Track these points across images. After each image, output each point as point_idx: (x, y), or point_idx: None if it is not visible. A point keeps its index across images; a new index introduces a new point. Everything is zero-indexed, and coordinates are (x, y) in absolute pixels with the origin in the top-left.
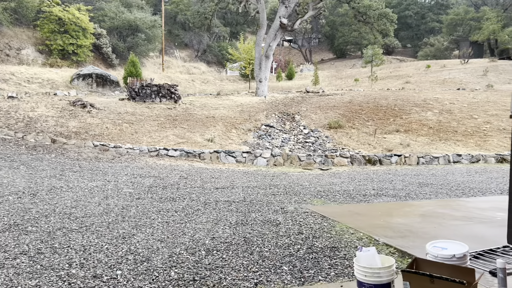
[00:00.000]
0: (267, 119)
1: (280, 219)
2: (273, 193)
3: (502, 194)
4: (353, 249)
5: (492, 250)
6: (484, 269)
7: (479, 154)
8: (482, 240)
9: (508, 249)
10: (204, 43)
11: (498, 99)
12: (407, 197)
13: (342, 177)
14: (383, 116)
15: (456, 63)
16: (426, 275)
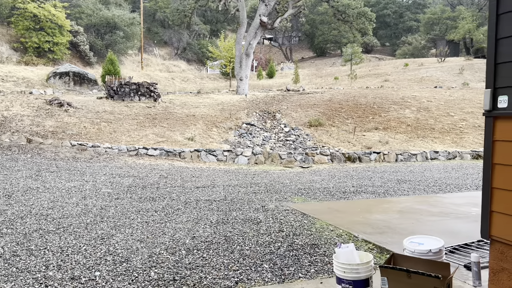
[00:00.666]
0: (248, 118)
1: (261, 217)
2: (254, 191)
3: (477, 190)
4: (332, 246)
5: (467, 244)
6: (459, 263)
7: (455, 151)
8: (457, 235)
9: (483, 243)
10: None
11: (474, 97)
12: (385, 193)
13: (322, 174)
14: (362, 114)
15: (433, 62)
16: (403, 270)
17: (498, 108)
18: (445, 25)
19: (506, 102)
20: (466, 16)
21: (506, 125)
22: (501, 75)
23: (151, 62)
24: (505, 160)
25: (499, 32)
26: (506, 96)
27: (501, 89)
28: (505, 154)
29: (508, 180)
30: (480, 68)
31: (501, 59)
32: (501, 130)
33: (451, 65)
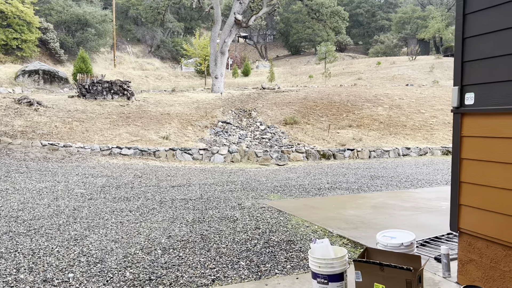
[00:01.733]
0: (224, 116)
1: (237, 215)
2: (230, 189)
3: (447, 184)
4: (308, 242)
5: (437, 237)
6: (430, 255)
7: (426, 147)
8: (428, 229)
9: (452, 236)
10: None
11: (443, 94)
12: (359, 189)
13: (298, 172)
14: (336, 112)
15: (405, 60)
16: (376, 264)
17: (465, 105)
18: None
19: (472, 99)
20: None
21: (473, 121)
22: (467, 73)
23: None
24: (472, 155)
25: (465, 31)
26: (473, 93)
27: (468, 86)
28: (472, 149)
29: (475, 174)
30: (449, 67)
31: (467, 57)
32: (468, 126)
33: (421, 64)
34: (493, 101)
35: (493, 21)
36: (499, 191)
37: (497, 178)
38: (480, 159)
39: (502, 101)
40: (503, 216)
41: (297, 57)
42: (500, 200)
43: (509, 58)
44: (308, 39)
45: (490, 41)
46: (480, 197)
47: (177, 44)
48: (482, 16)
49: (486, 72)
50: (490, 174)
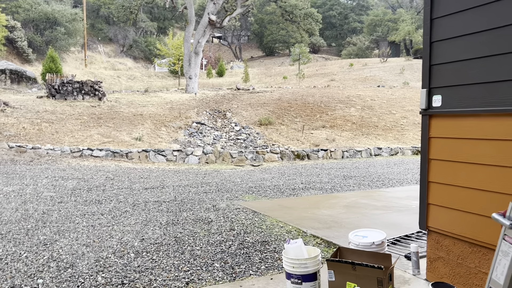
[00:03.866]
0: (198, 117)
1: (212, 217)
2: (205, 191)
3: (417, 184)
4: (282, 242)
5: (407, 235)
6: (400, 253)
7: (397, 147)
8: (399, 227)
9: (421, 234)
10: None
11: (413, 96)
12: (332, 189)
13: (273, 172)
14: (310, 113)
15: (376, 62)
16: (349, 263)
17: (433, 107)
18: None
19: (440, 101)
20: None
21: (440, 123)
22: (435, 76)
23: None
24: (439, 155)
25: (433, 35)
26: (440, 95)
27: (435, 89)
28: (439, 150)
29: (442, 174)
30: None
31: (435, 61)
32: (435, 127)
33: (392, 65)
34: (459, 103)
35: (459, 26)
36: (465, 190)
37: (463, 178)
38: (447, 159)
39: (468, 103)
40: (469, 214)
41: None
42: (466, 199)
43: (474, 62)
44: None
45: (456, 45)
46: (448, 196)
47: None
48: (449, 21)
49: (453, 75)
50: (456, 174)
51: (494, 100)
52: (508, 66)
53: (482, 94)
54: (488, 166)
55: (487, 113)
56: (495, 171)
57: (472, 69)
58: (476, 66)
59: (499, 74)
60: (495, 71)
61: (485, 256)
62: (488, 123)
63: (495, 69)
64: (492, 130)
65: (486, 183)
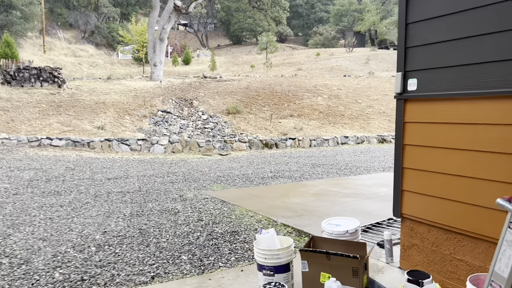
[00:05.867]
0: (164, 105)
1: (178, 207)
2: (171, 181)
3: (384, 171)
4: (252, 232)
5: (378, 223)
6: (373, 241)
7: (363, 136)
8: (369, 214)
9: (392, 221)
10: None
11: (379, 85)
12: (301, 177)
13: (241, 161)
14: (278, 102)
15: (342, 52)
16: (323, 253)
17: (408, 91)
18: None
19: (415, 85)
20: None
21: (415, 107)
22: (410, 59)
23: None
24: (414, 141)
25: (409, 16)
26: (415, 79)
27: (410, 72)
28: (414, 135)
29: (417, 160)
30: (384, 59)
31: (410, 43)
32: (410, 112)
33: (358, 55)
34: (435, 87)
35: (436, 6)
36: (441, 176)
37: (438, 164)
38: (422, 144)
39: (444, 87)
40: (444, 200)
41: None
42: (441, 185)
43: (451, 44)
44: (250, 29)
45: (433, 27)
46: (423, 183)
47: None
48: (425, 1)
49: (429, 58)
50: (431, 160)
51: (471, 83)
52: (486, 48)
53: (459, 77)
54: (464, 151)
55: (464, 97)
56: (472, 156)
57: (449, 51)
58: (453, 49)
59: (477, 56)
60: (473, 53)
61: (460, 243)
62: (465, 106)
63: (473, 51)
64: (469, 114)
65: (463, 168)
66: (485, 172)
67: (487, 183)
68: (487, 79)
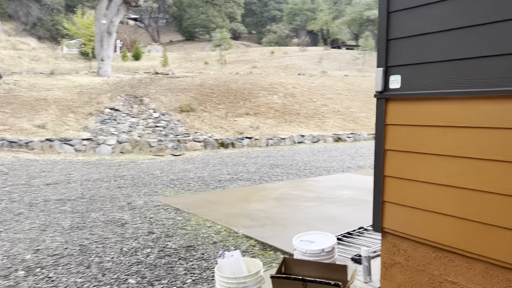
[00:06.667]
0: (112, 102)
1: (126, 217)
2: (119, 185)
3: (343, 171)
4: (211, 246)
5: (349, 233)
6: (345, 256)
7: (319, 135)
8: (336, 221)
9: (363, 230)
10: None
11: (333, 84)
12: (261, 180)
13: (196, 162)
14: (233, 100)
15: (296, 50)
16: (298, 280)
17: (390, 89)
18: (306, 16)
19: (398, 83)
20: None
21: (399, 108)
22: (393, 53)
23: None
24: (397, 145)
25: (391, 4)
26: (399, 75)
27: (393, 68)
28: (397, 139)
29: (400, 167)
30: (336, 58)
31: (393, 34)
32: (393, 113)
33: (311, 54)
34: (422, 85)
35: None
36: (428, 187)
37: (425, 172)
38: (406, 150)
39: (433, 85)
40: (432, 214)
41: (191, 43)
42: (430, 196)
43: (442, 35)
44: (203, 25)
45: (420, 16)
46: (408, 193)
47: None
48: None
49: (415, 51)
50: (418, 167)
51: (465, 81)
52: (483, 41)
53: (451, 74)
54: (457, 158)
55: (456, 96)
56: (466, 164)
57: (439, 44)
58: (443, 41)
59: (472, 50)
60: (468, 46)
61: (452, 263)
62: (458, 107)
63: (467, 44)
64: (462, 116)
65: (455, 178)
66: (482, 182)
67: (485, 196)
68: (484, 76)
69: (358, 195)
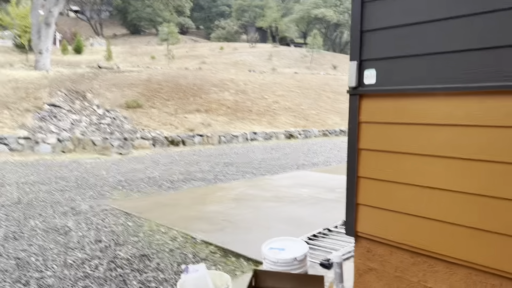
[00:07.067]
0: (52, 98)
1: (70, 224)
2: (61, 188)
3: (298, 169)
4: (167, 255)
5: (314, 235)
6: (314, 261)
7: (272, 132)
8: (299, 222)
9: (327, 231)
10: None
11: (283, 81)
12: (215, 179)
13: (145, 161)
14: (183, 96)
15: (246, 47)
16: None
17: (364, 85)
18: (254, 12)
19: (374, 77)
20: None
21: (374, 104)
22: (368, 45)
23: None
24: (372, 145)
25: None
26: (374, 70)
27: (368, 61)
28: (372, 138)
29: (375, 167)
30: (285, 55)
31: (368, 25)
32: (367, 110)
33: (261, 51)
34: (400, 79)
35: None
36: (405, 188)
37: (403, 173)
38: (382, 149)
39: (412, 80)
40: (410, 217)
41: (136, 36)
42: (407, 198)
43: (423, 27)
44: (149, 19)
45: (399, 5)
46: (383, 195)
47: None
48: None
49: (393, 44)
50: (394, 168)
51: (448, 75)
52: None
53: (432, 68)
54: (438, 158)
55: (439, 92)
56: (449, 164)
57: (417, 35)
58: (427, 33)
59: (455, 42)
60: (451, 38)
61: (431, 268)
62: (440, 104)
63: (451, 36)
64: (446, 113)
65: (436, 179)
66: (466, 184)
67: (469, 198)
68: (470, 71)
69: (316, 193)
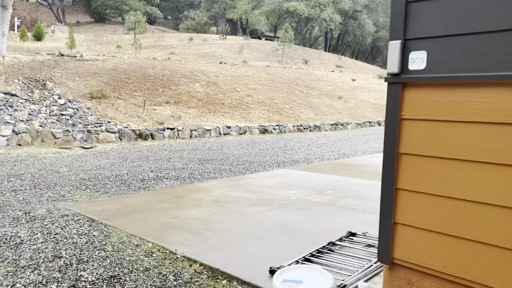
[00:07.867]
0: (7, 86)
1: (22, 234)
2: (14, 188)
3: (279, 166)
4: (143, 276)
5: (319, 251)
6: None
7: (245, 126)
8: (293, 232)
9: (331, 245)
10: None
11: (255, 74)
12: (191, 178)
13: (112, 157)
14: (151, 87)
15: (216, 38)
16: None
17: (409, 71)
18: (225, 4)
19: (423, 62)
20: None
21: (422, 97)
22: (415, 20)
23: None
24: (417, 148)
25: None
26: (425, 51)
27: (415, 41)
28: (418, 139)
29: (422, 178)
30: (256, 48)
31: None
32: (412, 103)
33: (232, 43)
34: (459, 64)
35: None
36: (464, 205)
37: (461, 185)
38: (431, 155)
39: (476, 64)
40: (473, 243)
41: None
42: (470, 220)
43: None
44: (114, 7)
45: None
46: (431, 214)
47: None
48: None
49: (452, 16)
50: (448, 179)
51: None
52: None
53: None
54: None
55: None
56: None
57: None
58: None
59: None
60: None
61: None
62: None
63: None
64: None
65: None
66: None
67: None
68: None
69: (305, 195)
